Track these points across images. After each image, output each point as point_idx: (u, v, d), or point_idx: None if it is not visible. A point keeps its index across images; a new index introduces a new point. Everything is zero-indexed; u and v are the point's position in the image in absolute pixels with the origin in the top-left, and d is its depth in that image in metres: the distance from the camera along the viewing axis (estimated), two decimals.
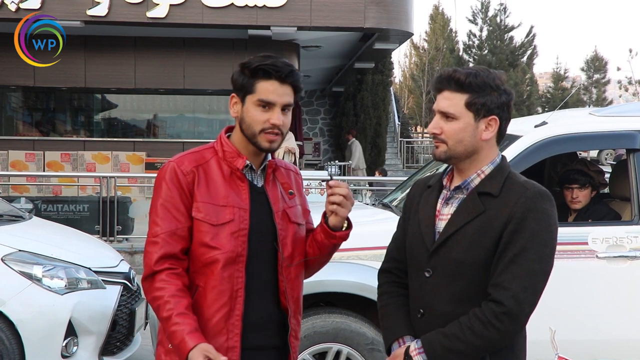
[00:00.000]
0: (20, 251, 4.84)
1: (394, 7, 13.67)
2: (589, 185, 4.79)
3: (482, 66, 2.56)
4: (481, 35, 35.90)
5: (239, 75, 2.47)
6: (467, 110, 2.36)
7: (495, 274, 2.30)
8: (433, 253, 2.40)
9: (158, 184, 2.46)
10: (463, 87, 2.35)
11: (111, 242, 9.97)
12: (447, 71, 2.41)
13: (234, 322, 2.40)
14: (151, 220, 2.44)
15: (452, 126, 2.38)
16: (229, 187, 2.45)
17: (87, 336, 4.80)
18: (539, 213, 2.32)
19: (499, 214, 2.32)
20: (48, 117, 16.57)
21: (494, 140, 2.43)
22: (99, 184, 10.57)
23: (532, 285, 2.29)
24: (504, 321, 2.26)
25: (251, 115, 2.44)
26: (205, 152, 2.52)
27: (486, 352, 2.32)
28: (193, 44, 14.16)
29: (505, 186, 2.37)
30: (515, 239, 2.29)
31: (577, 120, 4.83)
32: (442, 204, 2.47)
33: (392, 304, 2.55)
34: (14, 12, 12.56)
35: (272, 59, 2.44)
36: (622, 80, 36.21)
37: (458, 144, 2.38)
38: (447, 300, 2.37)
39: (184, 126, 16.45)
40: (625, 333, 4.30)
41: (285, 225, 2.52)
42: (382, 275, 2.65)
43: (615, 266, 4.25)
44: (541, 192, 2.36)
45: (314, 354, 4.33)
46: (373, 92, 21.41)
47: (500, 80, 2.39)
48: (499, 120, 2.39)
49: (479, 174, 2.42)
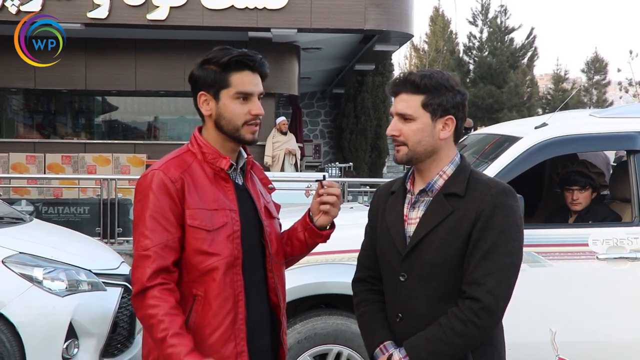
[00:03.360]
0: (20, 253, 4.83)
1: (394, 8, 13.67)
2: (590, 186, 4.79)
3: (437, 69, 2.62)
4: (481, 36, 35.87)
5: (206, 72, 2.40)
6: (423, 110, 2.42)
7: (468, 271, 2.35)
8: (406, 257, 2.43)
9: (143, 193, 2.34)
10: (419, 89, 2.42)
11: (112, 244, 9.97)
12: (402, 75, 2.48)
13: (239, 326, 2.37)
14: (139, 232, 2.32)
15: (410, 127, 2.43)
16: (216, 190, 2.39)
17: (87, 338, 4.80)
18: (506, 209, 2.37)
19: (467, 213, 2.37)
20: (49, 120, 16.59)
21: (451, 139, 2.48)
22: (100, 186, 10.57)
23: (505, 279, 2.34)
24: (483, 317, 2.31)
25: (231, 110, 2.40)
26: (184, 155, 2.43)
27: (468, 349, 2.37)
28: (193, 46, 14.16)
29: (469, 185, 2.42)
30: (484, 236, 2.34)
31: (578, 122, 4.83)
32: (408, 208, 2.51)
33: (370, 312, 2.58)
34: (15, 14, 12.58)
35: (239, 51, 2.41)
36: (622, 82, 36.17)
37: (417, 145, 2.44)
38: (424, 302, 2.41)
39: (184, 128, 16.46)
40: (626, 335, 4.29)
41: (269, 222, 2.52)
42: (356, 284, 2.69)
43: (615, 267, 4.25)
44: (505, 189, 2.41)
45: (314, 356, 4.33)
46: (373, 94, 21.41)
47: (454, 81, 2.46)
48: (455, 119, 2.45)
49: (441, 175, 2.47)
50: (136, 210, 2.36)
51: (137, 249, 2.32)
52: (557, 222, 4.80)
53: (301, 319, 4.32)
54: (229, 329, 2.35)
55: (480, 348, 2.39)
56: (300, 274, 4.09)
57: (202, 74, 2.41)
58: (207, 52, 2.45)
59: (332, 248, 2.75)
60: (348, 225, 2.68)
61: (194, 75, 2.44)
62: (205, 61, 2.42)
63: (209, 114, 2.43)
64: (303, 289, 4.24)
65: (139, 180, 2.40)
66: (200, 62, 2.44)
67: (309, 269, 4.24)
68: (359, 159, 20.72)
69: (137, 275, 2.30)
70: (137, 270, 2.30)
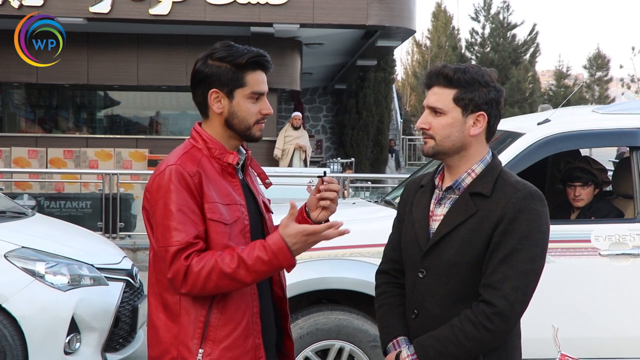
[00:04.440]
0: (23, 248, 4.84)
1: (396, 4, 13.66)
2: (592, 183, 4.79)
3: (475, 64, 2.57)
4: (484, 32, 35.83)
5: (219, 70, 2.37)
6: (454, 105, 2.38)
7: (486, 274, 2.31)
8: (426, 254, 2.40)
9: (164, 189, 2.30)
10: (451, 83, 2.37)
11: (114, 238, 9.99)
12: (436, 67, 2.43)
13: (255, 320, 2.39)
14: (169, 227, 2.27)
15: (439, 121, 2.40)
16: (226, 185, 2.40)
17: (89, 333, 4.81)
18: (530, 214, 2.31)
19: (490, 214, 2.33)
20: (51, 114, 16.61)
21: (482, 137, 2.44)
22: (102, 181, 10.58)
23: (523, 286, 2.29)
24: (495, 322, 2.27)
25: (245, 109, 2.40)
26: (192, 151, 2.41)
27: (478, 353, 2.33)
28: (195, 41, 14.16)
29: (496, 186, 2.37)
30: (506, 240, 2.29)
31: (580, 118, 4.82)
32: (434, 204, 2.47)
33: (389, 305, 2.56)
34: (17, 9, 12.58)
35: (254, 51, 2.41)
36: (624, 78, 36.14)
37: (446, 139, 2.40)
38: (440, 301, 2.38)
39: (186, 123, 16.48)
40: (628, 330, 4.29)
41: (268, 216, 2.55)
42: (379, 276, 2.66)
43: (617, 264, 4.24)
44: (532, 193, 2.35)
45: (316, 351, 4.33)
46: (375, 90, 21.40)
47: (490, 77, 2.41)
48: (487, 116, 2.40)
49: (470, 173, 2.42)
50: (159, 207, 2.30)
51: (171, 244, 2.26)
52: (560, 219, 4.79)
53: (303, 314, 4.32)
54: (250, 323, 2.37)
55: (493, 352, 2.35)
56: (302, 270, 4.08)
57: (215, 71, 2.38)
58: (210, 48, 2.43)
59: (333, 243, 2.73)
60: (349, 221, 2.66)
61: (202, 72, 2.40)
62: (212, 58, 2.39)
63: (219, 112, 2.41)
64: (305, 284, 4.24)
65: (154, 177, 2.36)
66: (203, 58, 2.41)
67: (311, 265, 4.24)
68: (360, 154, 20.73)
69: (176, 265, 2.25)
70: (176, 262, 2.25)
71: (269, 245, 2.23)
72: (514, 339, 2.43)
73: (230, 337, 2.33)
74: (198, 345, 2.31)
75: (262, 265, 2.23)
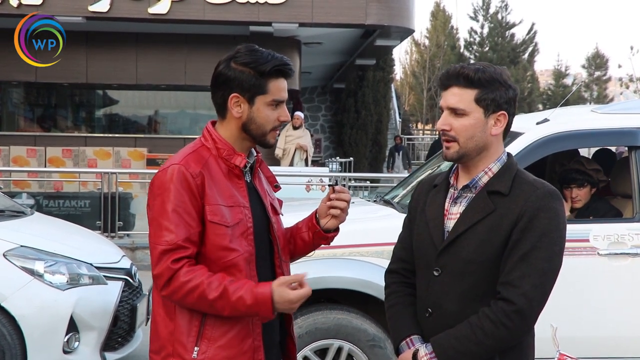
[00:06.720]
0: (22, 247, 4.83)
1: (395, 3, 13.67)
2: (588, 183, 4.78)
3: (485, 62, 2.56)
4: (482, 32, 35.90)
5: (242, 75, 2.37)
6: (476, 105, 2.36)
7: (504, 272, 2.30)
8: (442, 252, 2.39)
9: (164, 187, 2.32)
10: (472, 83, 2.35)
11: (112, 237, 9.98)
12: (455, 67, 2.41)
13: (255, 321, 2.39)
14: (161, 226, 2.29)
15: (462, 122, 2.37)
16: (230, 186, 2.40)
17: (88, 332, 4.80)
18: (550, 212, 2.31)
19: (509, 212, 2.32)
20: (49, 113, 16.61)
21: (501, 135, 2.43)
22: (101, 180, 10.59)
23: (542, 284, 2.29)
24: (514, 319, 2.26)
25: (264, 116, 2.40)
26: (200, 150, 2.41)
27: (496, 351, 2.32)
28: (194, 40, 14.17)
29: (514, 184, 2.37)
30: (525, 238, 2.29)
31: (579, 118, 4.82)
32: (450, 203, 2.46)
33: (400, 304, 2.54)
34: (16, 7, 12.58)
35: (278, 58, 2.39)
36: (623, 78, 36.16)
37: (469, 140, 2.37)
38: (456, 299, 2.37)
39: (185, 122, 16.50)
40: (627, 330, 4.30)
41: (276, 219, 2.54)
42: (389, 275, 2.64)
43: (616, 263, 4.25)
44: (551, 191, 2.36)
45: (315, 351, 4.34)
46: (374, 89, 21.42)
47: (506, 75, 2.41)
48: (508, 115, 2.40)
49: (487, 172, 2.41)
50: (156, 204, 2.33)
51: (160, 243, 2.29)
52: None
53: (302, 313, 4.32)
54: (248, 325, 2.37)
55: (508, 352, 2.35)
56: (301, 269, 4.09)
57: (238, 75, 2.37)
58: (233, 50, 2.41)
59: (333, 243, 2.74)
60: (349, 220, 2.66)
61: (224, 75, 2.38)
62: (235, 61, 2.38)
63: (238, 116, 2.40)
64: None
65: (157, 174, 2.37)
66: (226, 60, 2.40)
67: (310, 264, 4.24)
68: (359, 153, 20.75)
69: (162, 266, 2.27)
70: (162, 262, 2.28)
71: (257, 293, 2.24)
72: (528, 338, 2.42)
73: (226, 337, 2.33)
74: (194, 342, 2.32)
75: (242, 307, 2.25)
